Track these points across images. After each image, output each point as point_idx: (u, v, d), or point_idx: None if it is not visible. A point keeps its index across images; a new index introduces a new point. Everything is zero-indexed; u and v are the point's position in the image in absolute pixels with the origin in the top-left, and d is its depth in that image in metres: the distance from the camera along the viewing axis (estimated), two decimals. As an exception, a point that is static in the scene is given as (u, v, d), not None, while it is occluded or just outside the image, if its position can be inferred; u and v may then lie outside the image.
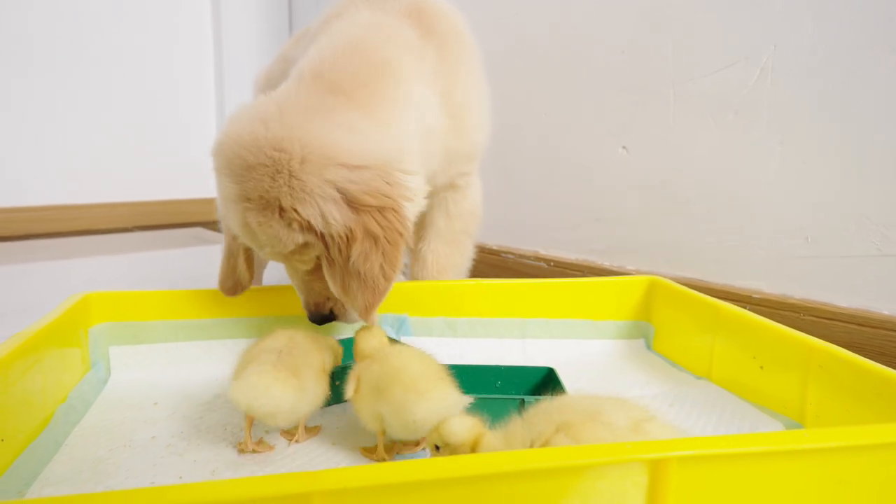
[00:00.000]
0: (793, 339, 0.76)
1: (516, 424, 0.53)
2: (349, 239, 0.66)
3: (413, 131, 0.76)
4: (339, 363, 0.77)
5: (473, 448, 0.55)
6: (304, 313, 0.93)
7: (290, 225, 0.67)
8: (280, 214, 0.66)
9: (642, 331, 1.05)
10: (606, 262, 1.45)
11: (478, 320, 1.01)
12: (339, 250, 0.67)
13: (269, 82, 1.21)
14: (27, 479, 0.62)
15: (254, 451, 0.67)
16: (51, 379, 0.73)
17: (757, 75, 1.16)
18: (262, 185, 0.66)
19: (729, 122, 1.21)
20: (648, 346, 1.04)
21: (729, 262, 1.23)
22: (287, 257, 0.72)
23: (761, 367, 0.80)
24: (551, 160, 1.56)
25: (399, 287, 1.01)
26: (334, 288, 0.71)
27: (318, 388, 0.69)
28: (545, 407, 0.54)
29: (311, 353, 0.71)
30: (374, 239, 0.67)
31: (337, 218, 0.66)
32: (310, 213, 0.65)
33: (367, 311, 0.70)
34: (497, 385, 0.84)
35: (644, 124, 1.36)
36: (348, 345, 0.86)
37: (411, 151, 0.76)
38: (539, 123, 1.57)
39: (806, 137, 1.11)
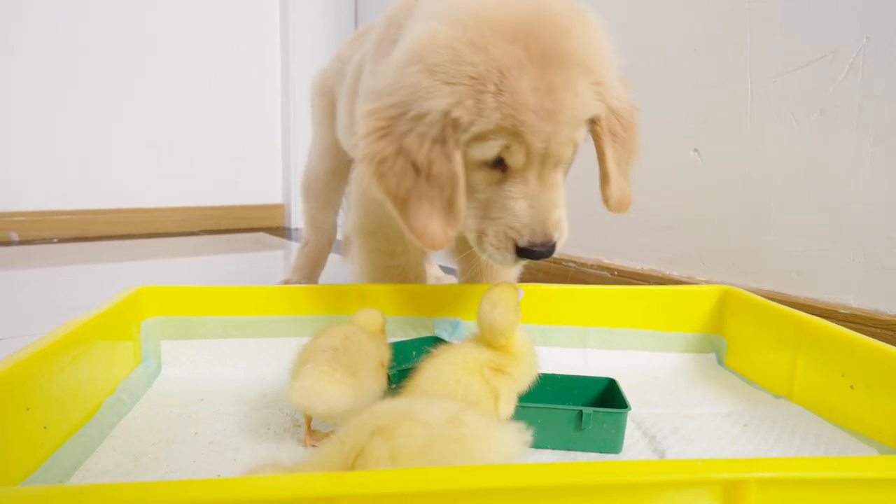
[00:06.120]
0: (889, 356, 0.69)
1: (331, 444, 0.48)
2: (630, 117, 0.68)
3: None
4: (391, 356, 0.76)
5: None
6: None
7: (594, 85, 0.65)
8: (582, 72, 0.65)
9: (713, 345, 0.98)
10: (675, 272, 1.38)
11: (535, 327, 0.97)
12: (623, 127, 0.68)
13: (325, 84, 1.21)
14: (69, 468, 0.62)
15: (313, 445, 0.68)
16: (100, 370, 0.73)
17: (846, 70, 1.07)
18: (559, 44, 0.63)
19: (814, 121, 1.12)
20: (720, 362, 0.96)
21: (812, 273, 1.14)
22: (565, 144, 0.69)
23: (851, 387, 0.73)
24: (617, 165, 1.49)
25: (454, 290, 0.98)
26: (613, 167, 0.73)
27: (377, 384, 0.69)
28: (358, 420, 0.50)
29: (369, 349, 0.71)
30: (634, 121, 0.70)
31: (625, 98, 0.67)
32: (609, 76, 0.66)
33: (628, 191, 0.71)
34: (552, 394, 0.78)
35: (718, 126, 1.28)
36: (399, 347, 0.83)
37: None
38: (605, 127, 1.51)
39: (902, 137, 1.01)
